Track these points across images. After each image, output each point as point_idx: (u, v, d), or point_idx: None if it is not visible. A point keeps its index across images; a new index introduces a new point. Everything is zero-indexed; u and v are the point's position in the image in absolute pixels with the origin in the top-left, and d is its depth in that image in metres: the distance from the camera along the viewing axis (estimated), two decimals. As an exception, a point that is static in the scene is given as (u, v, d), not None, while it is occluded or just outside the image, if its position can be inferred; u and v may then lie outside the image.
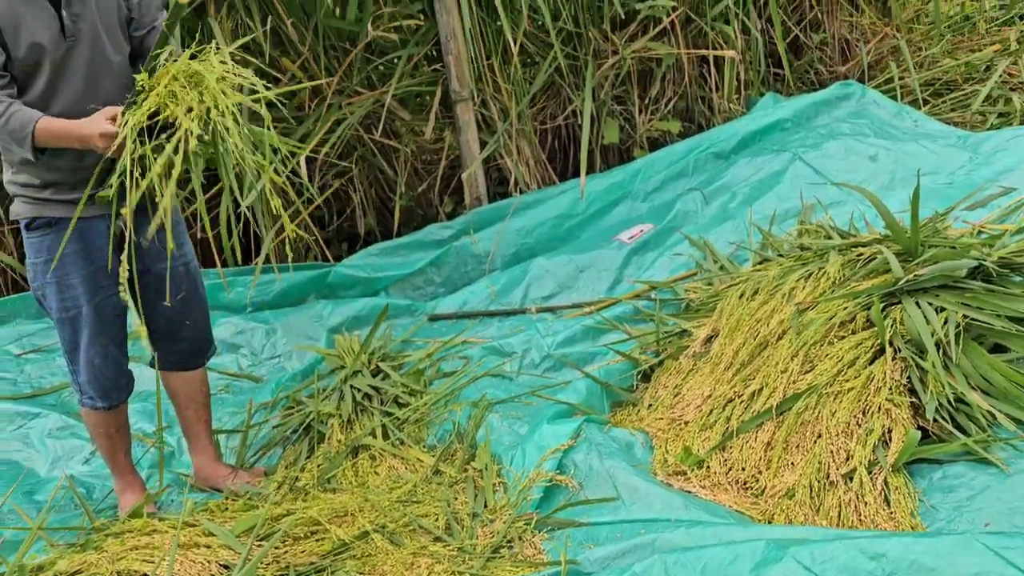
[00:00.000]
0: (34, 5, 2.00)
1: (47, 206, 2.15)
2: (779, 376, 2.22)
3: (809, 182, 3.35)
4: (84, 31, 2.05)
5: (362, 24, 3.29)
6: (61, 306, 2.21)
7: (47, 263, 2.18)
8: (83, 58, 2.06)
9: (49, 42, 2.01)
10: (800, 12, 4.68)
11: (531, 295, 3.24)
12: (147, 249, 2.21)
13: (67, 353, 2.30)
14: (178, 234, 2.31)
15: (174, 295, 2.29)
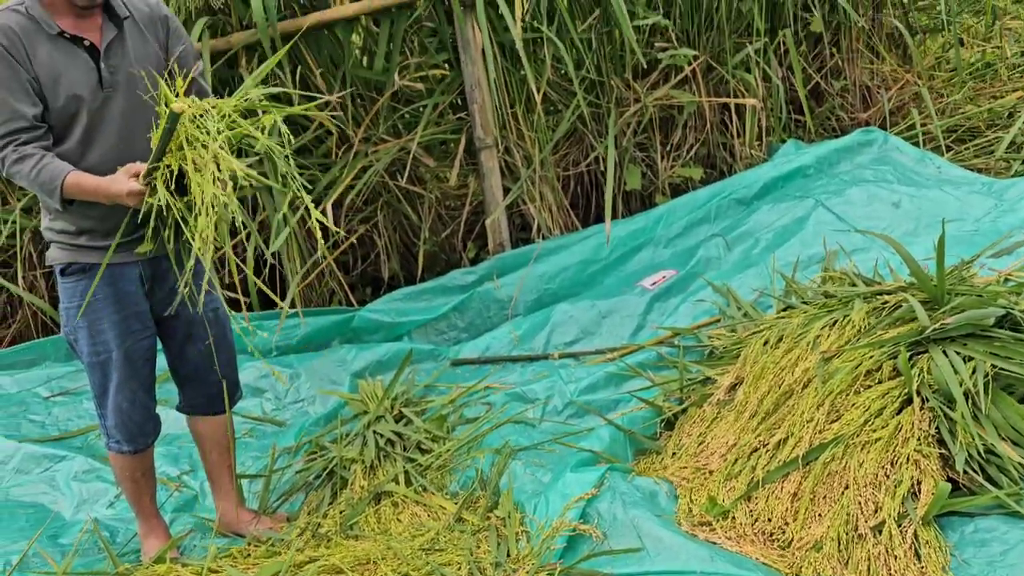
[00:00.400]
0: (73, 57, 2.06)
1: (81, 252, 2.20)
2: (805, 425, 2.20)
3: (832, 228, 3.35)
4: (121, 82, 2.10)
5: (389, 74, 3.36)
6: (92, 350, 2.24)
7: (80, 308, 2.21)
8: (120, 108, 2.11)
9: (87, 93, 2.07)
10: (821, 59, 4.73)
11: (554, 341, 3.24)
12: (177, 294, 2.25)
13: (96, 397, 2.33)
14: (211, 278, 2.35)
15: (203, 340, 2.32)
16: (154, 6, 2.20)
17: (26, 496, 2.82)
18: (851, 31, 4.71)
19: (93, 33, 2.08)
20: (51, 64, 2.03)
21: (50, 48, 2.03)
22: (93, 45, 2.07)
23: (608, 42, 3.76)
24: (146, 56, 2.15)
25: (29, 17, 2.02)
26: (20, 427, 3.10)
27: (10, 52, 1.99)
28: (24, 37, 2.01)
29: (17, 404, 3.19)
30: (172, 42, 2.20)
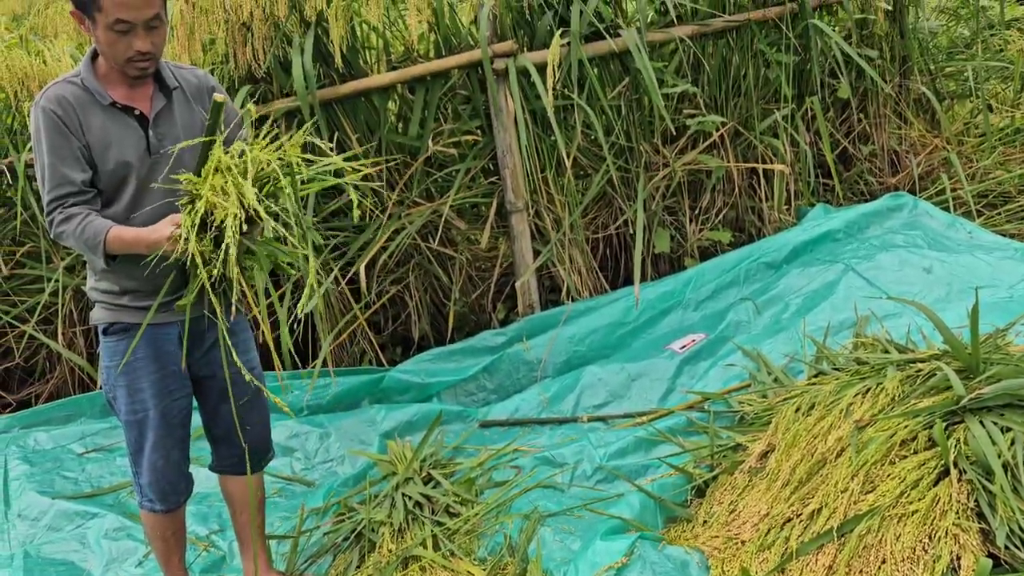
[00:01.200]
0: (124, 125, 2.14)
1: (123, 312, 2.25)
2: (839, 496, 2.16)
3: (863, 294, 3.34)
4: (167, 148, 2.18)
5: (423, 140, 3.44)
6: (129, 409, 2.28)
7: (119, 367, 2.26)
8: (165, 172, 2.18)
9: (136, 159, 2.15)
10: (848, 125, 4.77)
11: (583, 403, 3.24)
12: (214, 354, 2.29)
13: (132, 455, 2.35)
14: (245, 340, 2.40)
15: (238, 399, 2.35)
16: (201, 77, 2.29)
17: (57, 554, 2.84)
18: (878, 97, 4.76)
19: (143, 103, 2.17)
20: (103, 132, 2.12)
21: (103, 117, 2.12)
22: (143, 114, 2.16)
23: (637, 108, 3.83)
24: (192, 124, 2.23)
25: (84, 88, 2.12)
26: (54, 483, 3.13)
27: (64, 122, 2.08)
28: (78, 107, 2.10)
29: (52, 460, 3.23)
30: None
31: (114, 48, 2.04)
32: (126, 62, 2.07)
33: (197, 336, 2.31)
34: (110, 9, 1.98)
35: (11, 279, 3.62)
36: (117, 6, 1.98)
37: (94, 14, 2.01)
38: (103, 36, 2.03)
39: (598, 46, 3.56)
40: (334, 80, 3.36)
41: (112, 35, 2.02)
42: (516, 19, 3.46)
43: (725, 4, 4.01)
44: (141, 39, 2.04)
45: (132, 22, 2.01)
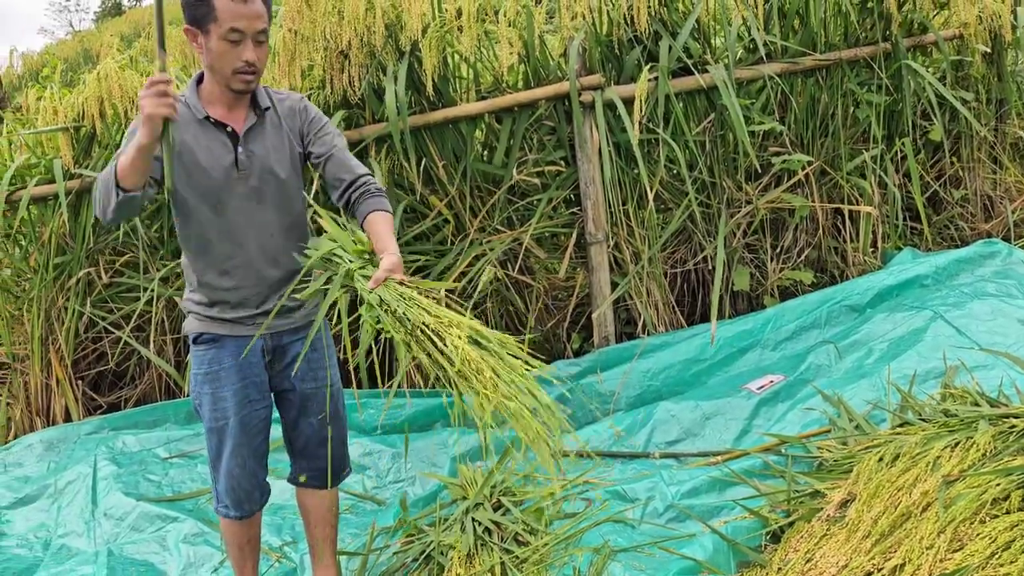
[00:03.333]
0: (215, 139, 2.25)
1: (212, 323, 2.34)
2: (924, 552, 2.09)
3: (952, 343, 3.23)
4: (255, 165, 2.28)
5: (508, 168, 3.49)
6: (212, 416, 2.35)
7: (206, 375, 2.34)
8: (250, 187, 2.28)
9: (223, 172, 2.25)
10: (940, 168, 4.65)
11: (655, 439, 3.21)
12: (299, 372, 2.37)
13: (211, 461, 2.43)
14: (329, 355, 2.46)
15: (316, 415, 2.41)
16: (295, 100, 2.39)
17: (138, 554, 2.94)
18: (973, 140, 4.63)
19: (237, 122, 2.28)
20: (195, 143, 2.23)
21: (197, 130, 2.23)
22: (234, 131, 2.26)
23: (721, 144, 3.82)
24: (280, 145, 2.32)
25: (185, 105, 2.25)
26: (138, 485, 3.25)
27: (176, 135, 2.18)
28: (190, 129, 2.22)
29: (138, 463, 3.36)
30: (310, 127, 2.36)
31: (224, 58, 2.16)
32: (233, 74, 2.17)
33: (280, 350, 2.38)
34: (226, 19, 2.12)
35: (110, 287, 3.80)
36: (233, 17, 2.12)
37: (209, 25, 2.14)
38: (216, 46, 2.15)
39: (685, 81, 3.57)
40: (424, 108, 3.44)
41: (225, 44, 2.14)
42: (605, 53, 3.49)
43: (816, 42, 3.97)
44: (250, 51, 2.16)
45: (244, 32, 2.14)
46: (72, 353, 3.78)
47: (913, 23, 4.34)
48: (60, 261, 3.73)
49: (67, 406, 3.79)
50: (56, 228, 3.65)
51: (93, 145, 3.68)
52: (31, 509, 3.28)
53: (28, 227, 3.75)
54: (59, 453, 3.52)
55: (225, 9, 2.12)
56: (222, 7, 2.12)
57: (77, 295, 3.72)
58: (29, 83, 8.67)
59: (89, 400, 3.94)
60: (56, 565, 2.93)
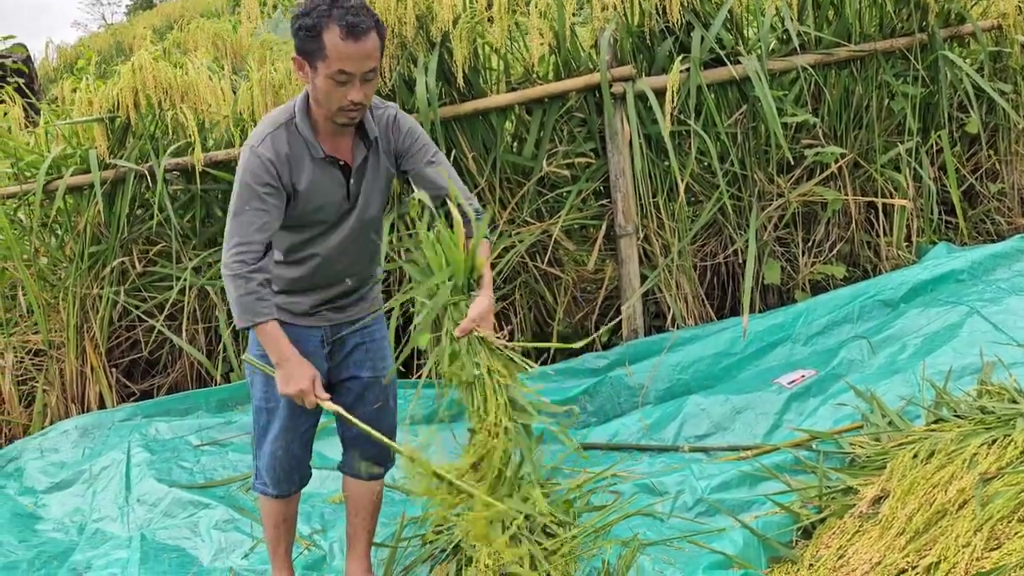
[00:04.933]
0: (330, 175, 2.24)
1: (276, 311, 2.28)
2: (960, 550, 2.06)
3: (988, 339, 3.17)
4: (363, 194, 2.29)
5: (537, 160, 3.49)
6: (263, 395, 2.38)
7: (263, 357, 2.31)
8: (355, 214, 2.30)
9: (335, 205, 2.26)
10: (976, 161, 4.56)
11: (684, 433, 3.19)
12: (354, 358, 2.40)
13: (256, 438, 2.46)
14: (385, 346, 2.50)
15: (371, 404, 2.44)
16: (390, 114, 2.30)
17: (170, 540, 2.98)
18: (1010, 133, 4.54)
19: (346, 153, 2.26)
20: (311, 181, 2.21)
21: (313, 167, 2.21)
22: (347, 164, 2.25)
23: (753, 136, 3.78)
24: (384, 170, 2.31)
25: (300, 137, 2.19)
26: (171, 472, 3.30)
27: (277, 172, 2.16)
28: (293, 159, 2.18)
29: (170, 450, 3.41)
30: (402, 144, 2.30)
31: (330, 97, 2.11)
32: (338, 111, 2.14)
33: (339, 341, 2.40)
34: (334, 60, 2.05)
35: (143, 276, 3.84)
36: (342, 58, 2.05)
37: (317, 63, 2.08)
38: (322, 84, 2.10)
39: (717, 72, 3.53)
40: (455, 99, 3.44)
41: (331, 84, 2.09)
42: (636, 44, 3.47)
43: (850, 33, 3.92)
44: (356, 90, 2.10)
45: (352, 73, 2.08)
46: (106, 341, 3.84)
47: (950, 13, 4.26)
48: (95, 250, 3.78)
49: (101, 393, 3.85)
50: (91, 218, 3.70)
51: (128, 136, 3.73)
52: (67, 494, 3.34)
53: (64, 216, 3.81)
54: (94, 439, 3.58)
55: (335, 49, 2.04)
56: (332, 46, 2.04)
57: (111, 284, 3.78)
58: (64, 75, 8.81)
59: (122, 387, 4.00)
60: (91, 549, 2.99)
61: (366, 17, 2.07)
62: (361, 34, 2.05)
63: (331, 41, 2.04)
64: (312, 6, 2.07)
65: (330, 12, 2.04)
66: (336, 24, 2.03)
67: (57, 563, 2.90)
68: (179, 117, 3.56)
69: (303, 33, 2.07)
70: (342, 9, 2.05)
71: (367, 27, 2.06)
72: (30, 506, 3.31)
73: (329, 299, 2.36)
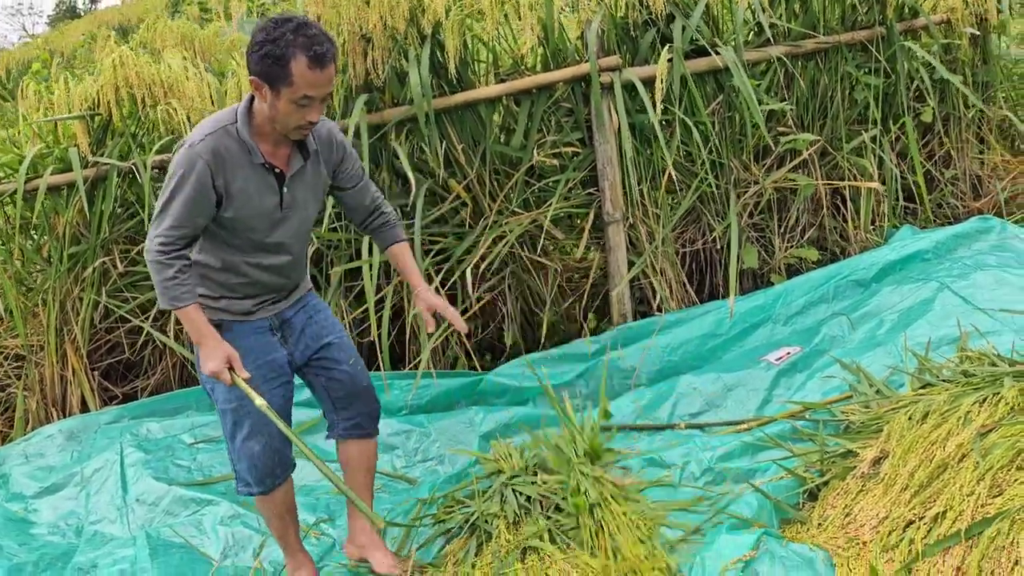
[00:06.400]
0: (263, 181, 2.27)
1: (216, 312, 2.37)
2: (965, 499, 2.18)
3: (961, 311, 3.35)
4: (296, 203, 2.35)
5: (526, 151, 3.55)
6: (227, 397, 2.36)
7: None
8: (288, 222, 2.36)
9: (267, 212, 2.30)
10: (930, 148, 4.79)
11: (678, 411, 3.28)
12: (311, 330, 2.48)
13: (228, 441, 2.44)
14: (329, 313, 2.59)
15: (348, 360, 2.51)
16: (332, 130, 2.40)
17: (176, 538, 2.94)
18: (961, 121, 4.78)
19: (283, 162, 2.30)
20: (244, 184, 2.24)
21: (249, 171, 2.24)
22: (282, 172, 2.29)
23: (729, 126, 3.91)
24: (317, 181, 2.40)
25: (239, 142, 2.22)
26: (168, 470, 3.25)
27: (212, 174, 2.18)
28: (230, 161, 2.20)
29: (164, 449, 3.36)
30: (342, 161, 2.43)
31: (289, 118, 2.17)
32: (294, 128, 2.20)
33: (286, 324, 2.46)
34: (300, 87, 2.11)
35: (124, 276, 3.78)
36: (308, 85, 2.11)
37: (281, 88, 2.12)
38: (283, 107, 2.15)
39: (696, 63, 3.65)
40: (444, 91, 3.49)
41: (292, 107, 2.14)
42: (620, 35, 3.57)
43: (815, 26, 4.09)
44: (315, 111, 2.17)
45: (315, 97, 2.14)
46: (87, 343, 3.76)
47: (904, 7, 4.48)
48: (74, 251, 3.70)
49: (83, 397, 3.76)
50: (71, 218, 3.63)
51: (108, 133, 3.67)
52: (58, 498, 3.26)
53: (41, 218, 3.72)
54: (81, 442, 3.50)
55: (302, 77, 2.10)
56: (299, 75, 2.10)
57: (92, 285, 3.70)
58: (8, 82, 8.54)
59: (103, 391, 3.92)
60: (93, 550, 2.93)
61: (329, 45, 2.14)
62: (327, 63, 2.12)
63: (298, 70, 2.09)
64: (277, 34, 2.10)
65: (295, 40, 2.09)
66: (303, 54, 2.09)
67: (61, 564, 2.84)
68: (162, 113, 3.52)
69: (269, 60, 2.10)
70: (306, 38, 2.10)
71: (331, 56, 2.13)
72: (20, 512, 3.22)
73: (269, 296, 2.42)
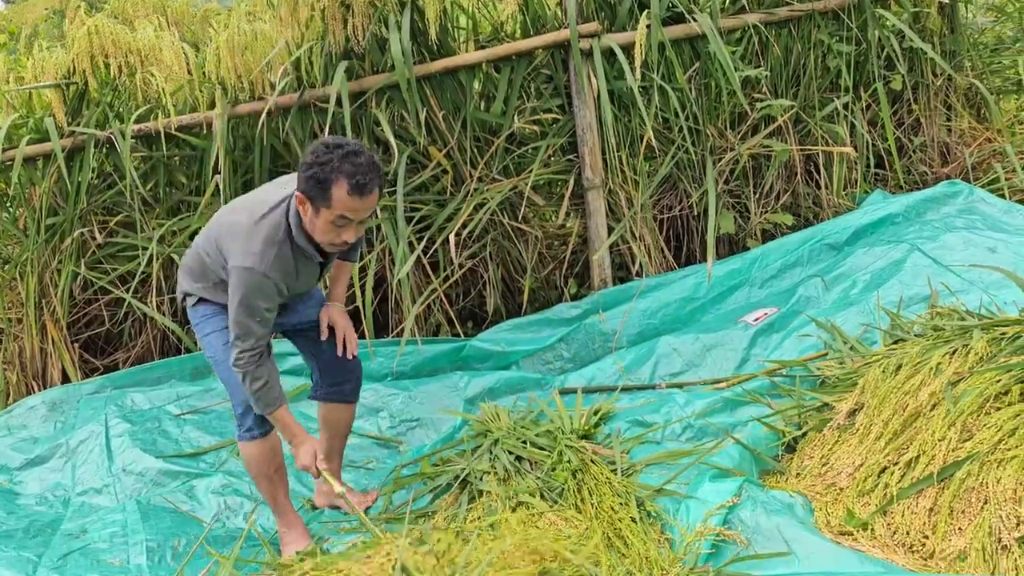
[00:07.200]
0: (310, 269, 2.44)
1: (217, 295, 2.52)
2: (936, 444, 2.28)
3: (931, 271, 3.45)
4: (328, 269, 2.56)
5: (506, 117, 3.58)
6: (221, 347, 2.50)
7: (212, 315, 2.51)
8: None
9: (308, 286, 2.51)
10: (899, 116, 4.89)
11: (659, 372, 3.36)
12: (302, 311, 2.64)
13: (230, 387, 2.55)
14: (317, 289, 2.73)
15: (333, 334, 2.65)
16: None
17: (167, 505, 2.96)
18: (929, 89, 4.87)
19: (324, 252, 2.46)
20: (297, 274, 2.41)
21: (302, 264, 2.39)
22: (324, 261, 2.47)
23: (705, 93, 3.96)
24: None
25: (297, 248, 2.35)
26: (155, 442, 3.26)
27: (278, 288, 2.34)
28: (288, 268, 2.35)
29: (151, 420, 3.36)
30: None
31: (326, 235, 2.27)
32: (328, 244, 2.31)
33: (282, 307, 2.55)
34: (338, 209, 2.20)
35: (103, 247, 3.76)
36: (347, 209, 2.20)
37: (320, 207, 2.22)
38: (321, 225, 2.25)
39: (673, 30, 3.69)
40: (425, 58, 3.50)
41: (330, 226, 2.24)
42: (599, 2, 3.59)
43: (789, -7, 4.14)
44: (352, 232, 2.27)
45: (352, 220, 2.23)
46: (67, 316, 3.74)
47: (875, -25, 4.54)
48: (52, 222, 3.67)
49: (64, 369, 3.75)
50: (48, 188, 3.59)
51: (83, 103, 3.63)
52: (44, 469, 3.26)
53: (17, 189, 3.68)
54: (64, 414, 3.49)
55: (340, 202, 2.18)
56: (338, 200, 2.18)
57: (71, 256, 3.68)
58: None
59: (84, 364, 3.91)
60: (81, 518, 2.94)
61: (374, 176, 2.21)
62: (367, 193, 2.20)
63: (338, 195, 2.18)
64: (325, 159, 2.18)
65: (341, 167, 2.16)
66: (346, 181, 2.17)
67: (51, 531, 2.85)
68: (138, 82, 3.49)
69: (312, 182, 2.18)
70: (352, 166, 2.17)
71: (373, 187, 2.21)
72: (6, 483, 3.22)
73: None
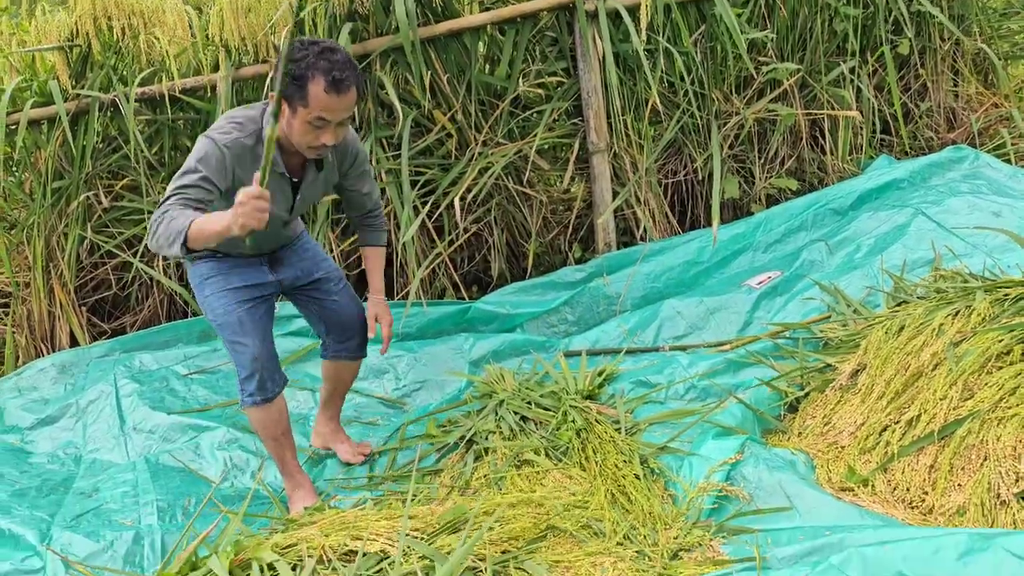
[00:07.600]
0: (279, 186, 2.35)
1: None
2: (938, 403, 2.30)
3: (935, 235, 3.46)
4: (304, 201, 2.47)
5: (511, 80, 3.56)
6: (224, 310, 2.48)
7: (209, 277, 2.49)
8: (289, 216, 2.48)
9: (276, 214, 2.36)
10: (905, 80, 4.86)
11: (663, 335, 3.38)
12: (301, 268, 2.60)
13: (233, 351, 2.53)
14: (319, 250, 2.72)
15: (336, 293, 2.67)
16: (351, 140, 2.48)
17: (175, 463, 3.00)
18: (936, 54, 4.84)
19: (297, 171, 2.39)
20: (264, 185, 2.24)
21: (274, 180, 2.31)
22: (298, 181, 2.39)
23: (711, 56, 3.94)
24: (327, 185, 2.50)
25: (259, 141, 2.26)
26: (164, 400, 3.30)
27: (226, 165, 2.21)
28: (248, 164, 2.24)
29: (159, 380, 3.40)
30: (353, 167, 2.52)
31: (304, 137, 2.21)
32: (307, 148, 2.25)
33: (275, 257, 2.57)
34: (315, 109, 2.15)
35: (109, 211, 3.77)
36: (322, 108, 2.15)
37: (297, 106, 2.17)
38: (298, 126, 2.19)
39: (680, -9, 3.66)
40: (429, 20, 3.48)
41: (307, 127, 2.19)
42: (604, -38, 3.56)
43: (797, -46, 4.10)
44: (331, 134, 2.22)
45: (330, 120, 2.18)
46: (74, 279, 3.76)
47: (883, -63, 4.49)
48: (57, 186, 3.68)
49: (72, 332, 3.78)
50: (53, 152, 3.60)
51: (87, 65, 3.62)
52: (55, 428, 3.30)
53: (23, 153, 3.68)
54: (73, 375, 3.53)
55: (317, 99, 2.14)
56: (315, 97, 2.13)
57: (77, 220, 3.69)
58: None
59: (92, 327, 3.93)
60: (93, 476, 2.99)
61: (350, 73, 2.16)
62: (344, 90, 2.15)
63: (315, 92, 2.13)
64: (301, 55, 2.14)
65: (317, 63, 2.12)
66: (322, 77, 2.12)
67: (63, 489, 2.90)
68: (142, 45, 3.48)
69: (289, 79, 2.13)
70: (328, 63, 2.13)
71: (350, 83, 2.16)
72: (17, 442, 3.26)
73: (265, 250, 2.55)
